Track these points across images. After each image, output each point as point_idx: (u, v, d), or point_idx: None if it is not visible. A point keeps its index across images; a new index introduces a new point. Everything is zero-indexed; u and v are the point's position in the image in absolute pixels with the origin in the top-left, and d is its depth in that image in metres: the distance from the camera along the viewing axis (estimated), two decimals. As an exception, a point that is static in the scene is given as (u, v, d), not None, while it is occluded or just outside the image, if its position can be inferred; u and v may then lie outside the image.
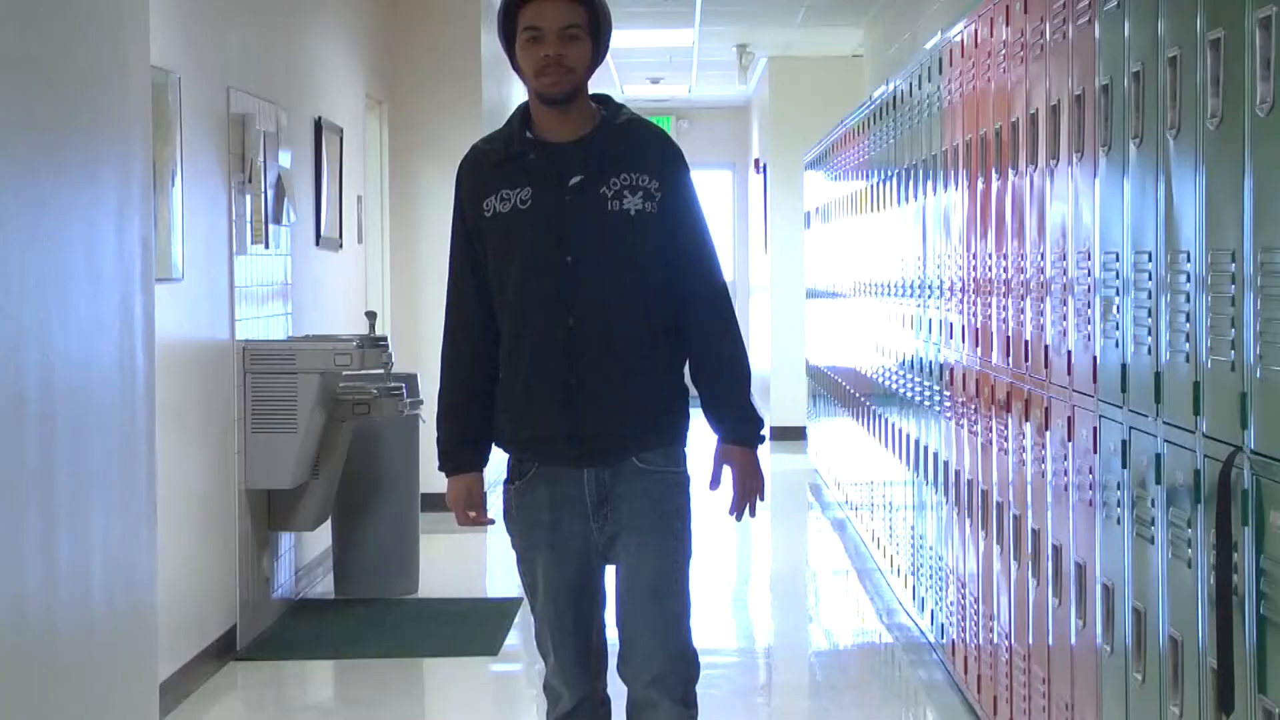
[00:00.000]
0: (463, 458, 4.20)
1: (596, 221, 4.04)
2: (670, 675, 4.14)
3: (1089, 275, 4.29)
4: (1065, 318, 4.54)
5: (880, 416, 8.72)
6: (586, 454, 4.09)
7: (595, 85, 4.24)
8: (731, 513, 4.25)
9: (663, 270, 4.09)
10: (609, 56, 4.25)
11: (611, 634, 4.24)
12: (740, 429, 4.22)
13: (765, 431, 4.29)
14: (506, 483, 4.19)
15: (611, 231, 4.04)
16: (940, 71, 6.62)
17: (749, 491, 4.24)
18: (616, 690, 4.24)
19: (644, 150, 4.12)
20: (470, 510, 4.20)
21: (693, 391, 4.20)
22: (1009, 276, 5.30)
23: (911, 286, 7.50)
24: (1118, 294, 4.02)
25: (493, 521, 4.26)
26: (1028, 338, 5.01)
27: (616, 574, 4.17)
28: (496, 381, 4.15)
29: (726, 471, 4.24)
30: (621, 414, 4.08)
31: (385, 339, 7.77)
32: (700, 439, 4.19)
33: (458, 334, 4.18)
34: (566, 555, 4.13)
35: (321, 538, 8.65)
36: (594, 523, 4.12)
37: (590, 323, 4.04)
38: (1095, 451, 4.22)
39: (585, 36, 4.05)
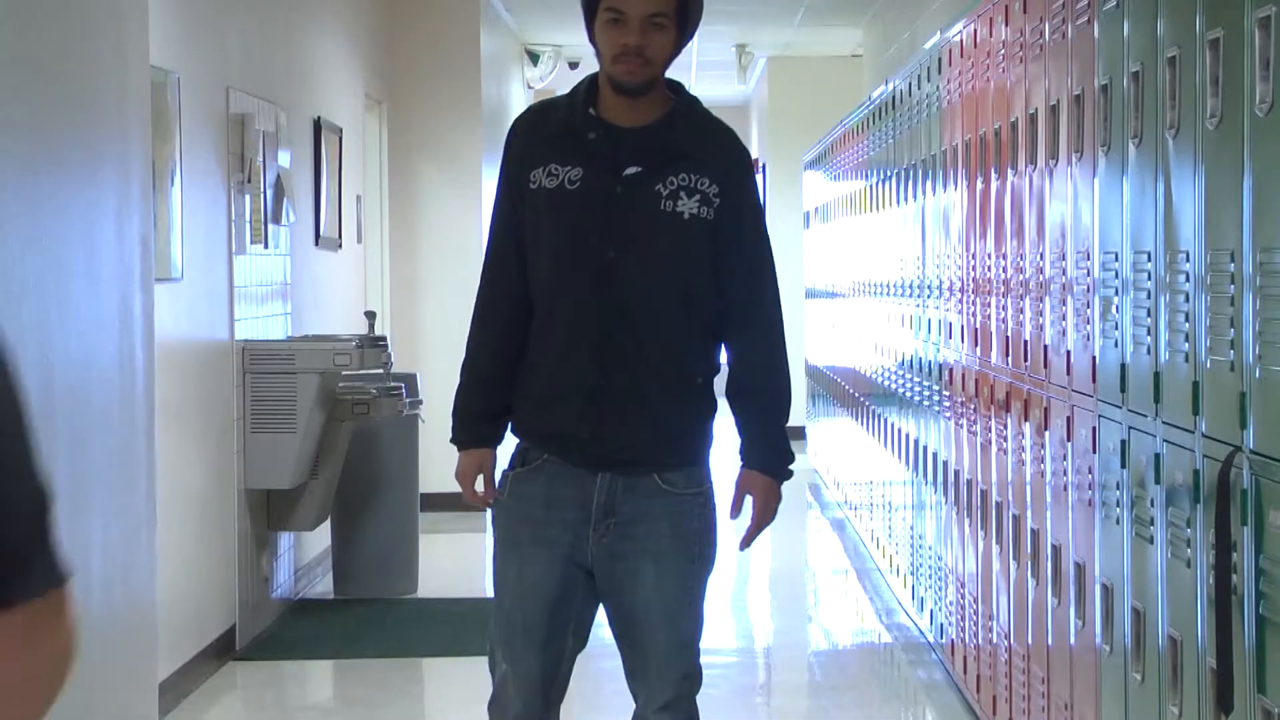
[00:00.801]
0: (480, 431, 3.94)
1: (646, 219, 3.76)
2: (678, 700, 3.90)
3: (1088, 275, 4.29)
4: (1064, 318, 4.54)
5: (879, 416, 8.73)
6: (604, 460, 3.82)
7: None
8: (742, 547, 3.99)
9: (710, 280, 3.82)
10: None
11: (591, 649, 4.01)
12: (770, 459, 3.93)
13: (794, 466, 4.00)
14: (508, 468, 3.93)
15: (660, 233, 3.76)
16: (939, 71, 6.62)
17: (764, 525, 3.96)
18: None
19: (709, 149, 3.82)
20: (479, 488, 3.93)
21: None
22: (1008, 276, 5.30)
23: (910, 286, 7.50)
24: (1117, 294, 4.02)
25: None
26: (1027, 338, 5.01)
27: (624, 592, 3.87)
28: (524, 358, 3.90)
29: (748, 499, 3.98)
30: (646, 425, 3.80)
31: (384, 339, 7.77)
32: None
33: (492, 304, 3.91)
34: (550, 560, 3.85)
35: (321, 537, 8.65)
36: (594, 531, 3.83)
37: (624, 326, 3.77)
38: (1094, 451, 4.22)
39: (671, 26, 3.76)
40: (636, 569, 3.85)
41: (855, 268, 9.97)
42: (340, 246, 9.38)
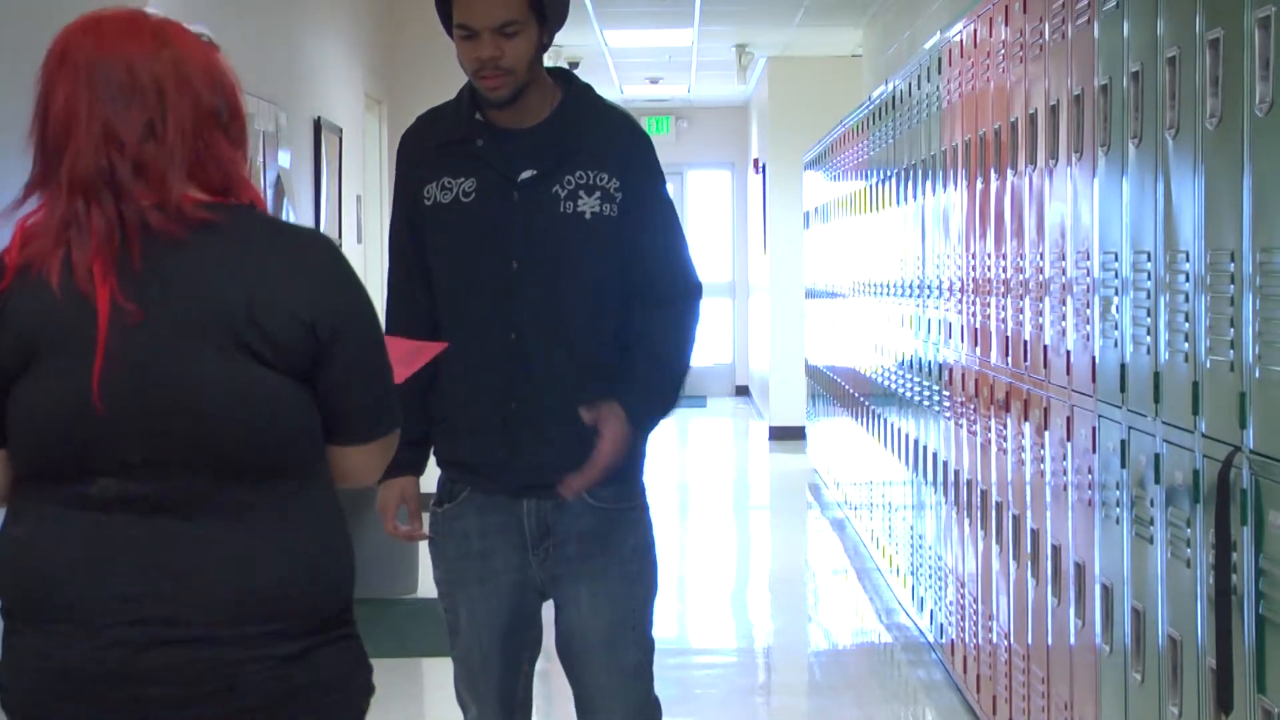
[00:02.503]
0: (398, 458, 3.63)
1: (547, 224, 3.57)
2: None
3: (1088, 275, 4.29)
4: (1064, 318, 4.54)
5: (879, 416, 8.73)
6: (525, 486, 3.64)
7: (591, 81, 3.88)
8: (563, 491, 3.61)
9: (621, 282, 3.63)
10: (608, 56, 3.97)
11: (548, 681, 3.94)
12: (638, 403, 3.59)
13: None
14: (434, 505, 3.76)
15: (563, 237, 3.57)
16: (939, 71, 6.62)
17: (598, 467, 3.58)
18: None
19: (605, 143, 3.61)
20: (401, 521, 3.74)
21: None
22: (1008, 276, 5.30)
23: (910, 286, 7.50)
24: (1116, 294, 4.02)
25: (426, 536, 3.79)
26: (1026, 338, 5.01)
27: (562, 618, 3.74)
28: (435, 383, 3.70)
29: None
30: (565, 444, 3.58)
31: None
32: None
33: (396, 326, 3.70)
34: (497, 591, 3.69)
35: (321, 538, 8.64)
36: (534, 555, 3.67)
37: (535, 339, 3.59)
38: (1094, 451, 4.22)
39: (527, 28, 3.54)
40: (573, 594, 3.68)
41: (855, 268, 9.97)
42: (340, 247, 9.37)
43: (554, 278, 3.59)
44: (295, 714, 2.43)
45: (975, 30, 5.86)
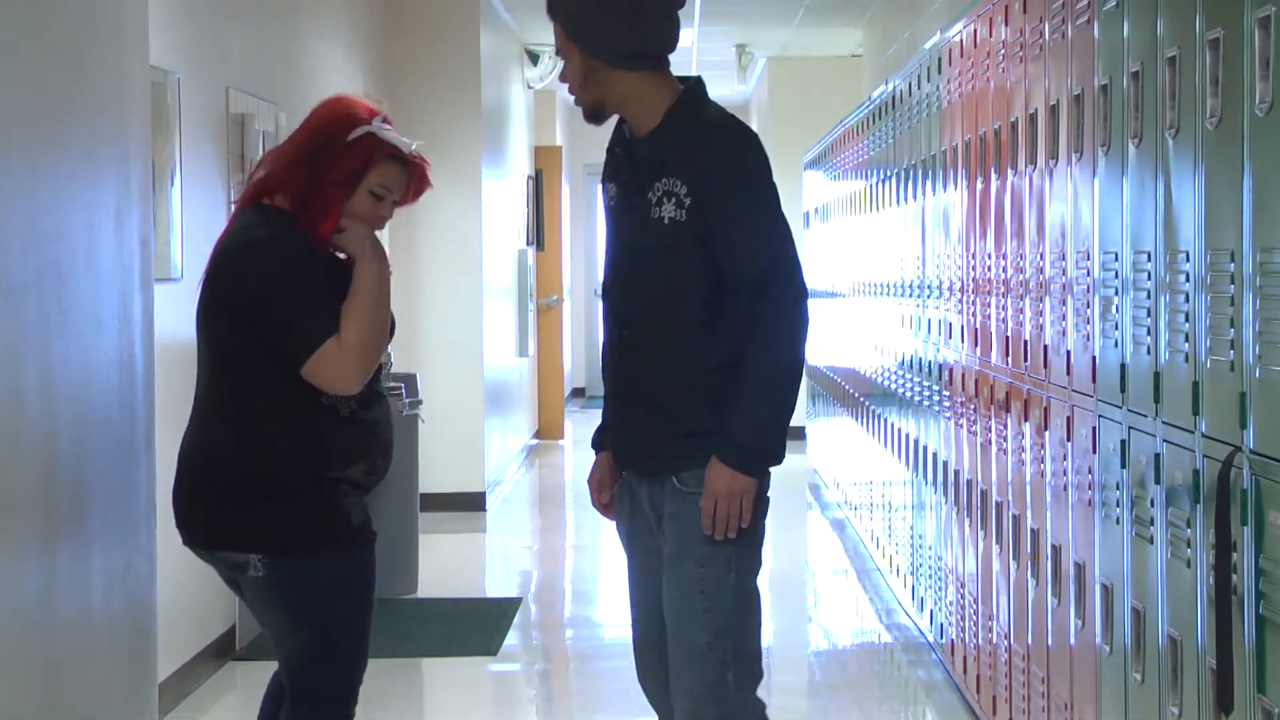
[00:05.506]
0: (597, 438, 4.16)
1: (644, 230, 3.90)
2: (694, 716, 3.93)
3: (1088, 275, 4.30)
4: (1064, 318, 4.55)
5: (879, 416, 8.73)
6: (633, 461, 4.01)
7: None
8: (706, 533, 3.90)
9: (707, 280, 3.86)
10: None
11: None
12: (733, 444, 3.85)
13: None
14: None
15: (654, 241, 3.89)
16: (939, 71, 6.62)
17: (718, 516, 3.88)
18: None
19: (681, 152, 3.88)
20: (601, 494, 4.13)
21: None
22: (1008, 276, 5.30)
23: (911, 286, 7.50)
24: (1117, 294, 4.02)
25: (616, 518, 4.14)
26: (1027, 338, 5.01)
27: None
28: None
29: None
30: (653, 427, 3.92)
31: (384, 339, 7.76)
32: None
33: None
34: (647, 571, 4.03)
35: (321, 538, 8.63)
36: (659, 535, 4.00)
37: (636, 334, 3.95)
38: (1094, 451, 4.22)
39: (570, 51, 3.90)
40: (666, 571, 3.96)
41: (855, 268, 9.97)
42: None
43: (650, 281, 3.92)
44: (240, 540, 3.84)
45: (975, 30, 5.86)
